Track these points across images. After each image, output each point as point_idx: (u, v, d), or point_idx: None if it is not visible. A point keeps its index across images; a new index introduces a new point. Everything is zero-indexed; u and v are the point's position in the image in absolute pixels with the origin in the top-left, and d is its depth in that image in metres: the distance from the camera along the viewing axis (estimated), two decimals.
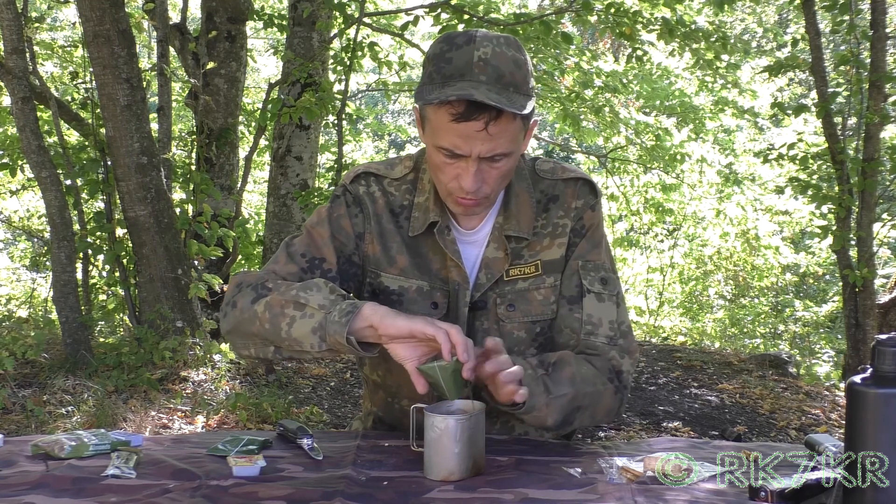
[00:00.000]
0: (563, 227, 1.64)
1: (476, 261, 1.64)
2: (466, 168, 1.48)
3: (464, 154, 1.47)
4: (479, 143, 1.45)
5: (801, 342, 9.02)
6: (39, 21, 5.57)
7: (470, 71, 1.43)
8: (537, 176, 1.67)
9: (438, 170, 1.52)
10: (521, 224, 1.62)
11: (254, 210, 10.09)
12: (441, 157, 1.49)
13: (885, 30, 5.34)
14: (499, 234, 1.62)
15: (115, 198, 4.81)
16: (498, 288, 1.62)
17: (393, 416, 1.71)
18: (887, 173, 5.84)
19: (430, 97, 1.44)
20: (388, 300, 1.62)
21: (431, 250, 1.63)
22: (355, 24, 5.58)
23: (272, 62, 11.79)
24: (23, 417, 3.90)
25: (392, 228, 1.64)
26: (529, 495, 1.27)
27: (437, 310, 1.61)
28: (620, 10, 6.23)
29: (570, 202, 1.65)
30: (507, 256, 1.62)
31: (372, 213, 1.65)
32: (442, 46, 1.48)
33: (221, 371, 4.64)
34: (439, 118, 1.45)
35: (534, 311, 1.63)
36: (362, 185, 1.67)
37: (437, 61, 1.47)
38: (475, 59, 1.44)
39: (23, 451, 1.47)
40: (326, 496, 1.27)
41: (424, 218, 1.62)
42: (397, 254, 1.64)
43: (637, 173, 9.70)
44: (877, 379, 1.18)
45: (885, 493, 1.15)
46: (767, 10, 12.46)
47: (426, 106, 1.47)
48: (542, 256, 1.64)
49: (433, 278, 1.63)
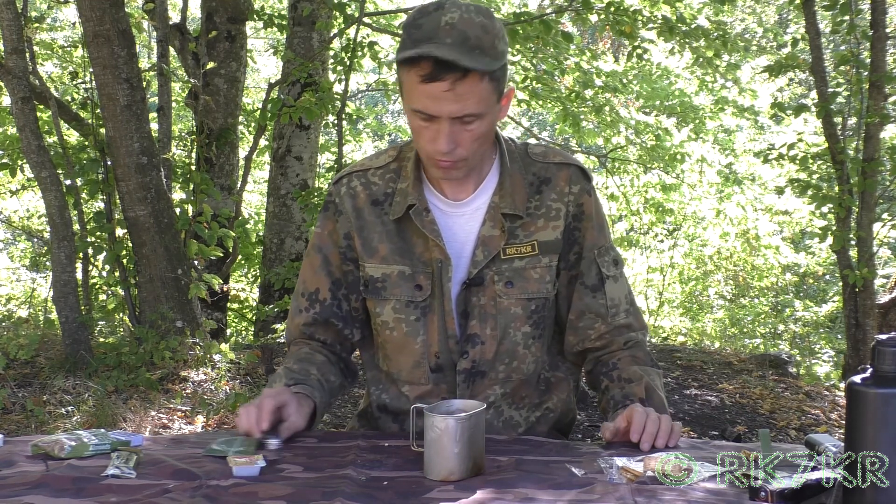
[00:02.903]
0: (557, 210, 1.70)
1: (469, 237, 1.69)
2: (439, 129, 1.54)
3: (434, 115, 1.53)
4: (447, 103, 1.51)
5: (801, 342, 9.02)
6: (39, 21, 5.57)
7: (436, 35, 1.50)
8: (529, 159, 1.73)
9: (417, 134, 1.59)
10: (517, 202, 1.68)
11: (254, 210, 10.09)
12: (417, 121, 1.56)
13: (885, 30, 5.34)
14: (494, 211, 1.68)
15: (115, 198, 4.80)
16: (495, 265, 1.68)
17: (401, 405, 1.75)
18: (887, 173, 5.83)
19: (397, 57, 1.53)
20: (374, 288, 1.71)
21: (414, 234, 1.69)
22: (355, 23, 5.58)
23: (272, 62, 11.80)
24: (23, 417, 3.90)
25: (374, 219, 1.71)
26: (529, 495, 1.27)
27: (420, 291, 1.68)
28: (620, 8, 6.23)
29: (563, 187, 1.71)
30: (504, 234, 1.67)
31: (351, 209, 1.73)
32: (414, 15, 1.56)
33: (221, 371, 4.64)
34: (409, 80, 1.52)
35: (531, 289, 1.69)
36: (343, 185, 1.75)
37: (409, 28, 1.54)
38: (442, 24, 1.50)
39: (23, 451, 1.47)
40: (326, 496, 1.27)
41: (404, 202, 1.68)
42: (379, 243, 1.71)
43: (637, 173, 9.70)
44: (877, 379, 1.18)
45: (885, 493, 1.15)
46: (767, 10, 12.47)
47: (400, 70, 1.54)
48: (538, 237, 1.69)
49: (415, 262, 1.69)
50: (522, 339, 1.70)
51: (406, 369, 1.72)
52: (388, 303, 1.70)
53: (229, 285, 6.19)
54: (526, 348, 1.71)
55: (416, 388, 1.73)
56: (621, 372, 1.68)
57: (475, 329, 1.68)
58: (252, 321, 7.17)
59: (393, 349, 1.73)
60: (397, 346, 1.71)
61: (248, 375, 4.82)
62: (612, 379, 1.69)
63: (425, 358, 1.70)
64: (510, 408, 1.74)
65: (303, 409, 1.58)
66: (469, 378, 1.70)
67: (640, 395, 1.63)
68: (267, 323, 6.22)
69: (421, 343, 1.69)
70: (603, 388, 1.70)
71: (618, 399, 1.64)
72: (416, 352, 1.70)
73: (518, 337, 1.70)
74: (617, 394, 1.65)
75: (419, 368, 1.71)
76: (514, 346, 1.70)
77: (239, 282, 8.29)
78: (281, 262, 6.30)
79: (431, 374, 1.71)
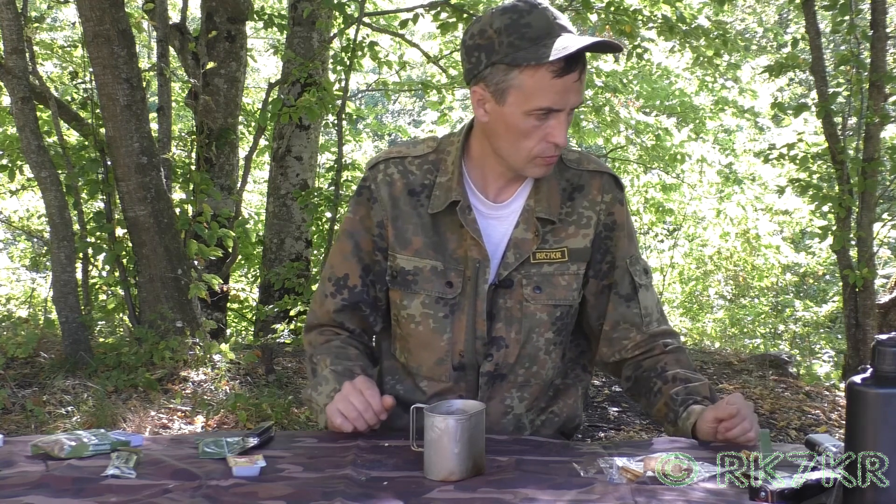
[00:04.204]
0: (588, 218, 1.70)
1: (503, 239, 1.68)
2: (558, 124, 1.55)
3: (559, 109, 1.54)
4: (573, 94, 1.55)
5: (801, 342, 9.02)
6: (39, 21, 5.58)
7: (553, 28, 1.52)
8: (563, 164, 1.72)
9: (525, 137, 1.57)
10: (551, 207, 1.67)
11: (254, 210, 10.08)
12: (531, 122, 1.55)
13: (885, 30, 5.34)
14: (529, 215, 1.67)
15: (115, 198, 4.80)
16: (524, 269, 1.67)
17: (415, 398, 1.74)
18: (887, 173, 5.83)
19: (539, 57, 1.50)
20: (405, 280, 1.69)
21: (449, 230, 1.68)
22: (355, 23, 5.58)
23: (272, 62, 11.78)
24: (23, 417, 3.90)
25: (409, 210, 1.69)
26: (529, 495, 1.27)
27: (451, 288, 1.67)
28: (620, 7, 6.23)
29: (595, 195, 1.71)
30: (537, 238, 1.66)
31: (387, 197, 1.70)
32: (511, 16, 1.53)
33: (221, 371, 4.64)
34: (538, 79, 1.52)
35: (558, 296, 1.69)
36: (380, 171, 1.72)
37: (516, 29, 1.53)
38: (551, 18, 1.53)
39: (23, 451, 1.47)
40: (326, 496, 1.27)
41: (446, 196, 1.66)
42: (413, 235, 1.69)
43: (637, 173, 9.70)
44: (877, 379, 1.18)
45: (885, 493, 1.15)
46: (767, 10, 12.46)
47: (520, 73, 1.52)
48: (568, 244, 1.69)
49: (448, 258, 1.67)
50: (545, 344, 1.70)
51: (427, 365, 1.71)
52: (418, 297, 1.69)
53: (229, 285, 6.19)
54: (547, 354, 1.71)
55: (435, 385, 1.72)
56: (676, 373, 1.67)
57: (500, 332, 1.68)
58: (252, 321, 7.16)
59: (416, 344, 1.72)
60: (422, 341, 1.70)
61: (247, 375, 4.82)
62: (666, 381, 1.67)
63: (449, 356, 1.69)
64: (523, 412, 1.74)
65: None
66: (491, 380, 1.70)
67: (705, 393, 1.62)
68: (267, 323, 6.21)
69: (447, 341, 1.68)
70: (656, 390, 1.68)
71: (682, 398, 1.62)
72: (441, 349, 1.69)
73: (541, 342, 1.69)
74: (679, 392, 1.63)
75: (442, 365, 1.70)
76: (535, 352, 1.70)
77: (239, 282, 8.29)
78: (281, 262, 6.30)
79: (453, 373, 1.70)
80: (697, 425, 1.56)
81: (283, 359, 5.18)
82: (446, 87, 7.49)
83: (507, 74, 1.53)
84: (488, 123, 1.61)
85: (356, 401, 1.55)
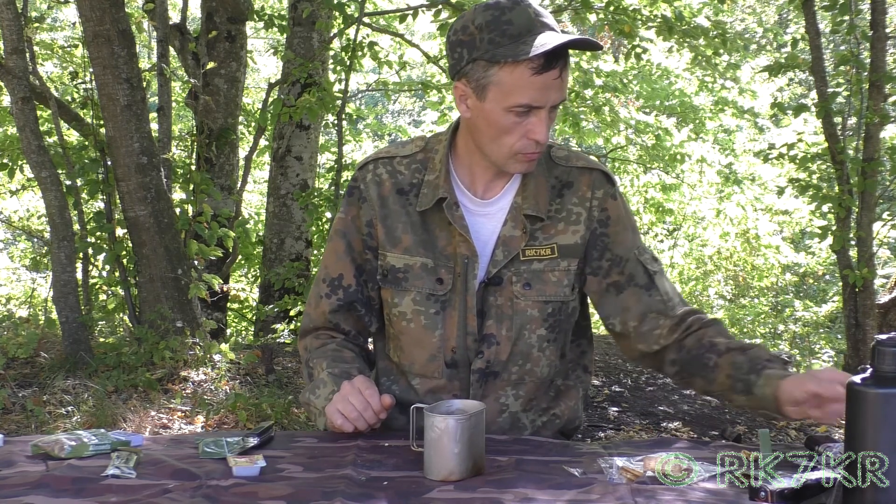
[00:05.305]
0: (578, 215, 1.69)
1: (491, 237, 1.68)
2: (539, 121, 1.56)
3: (539, 106, 1.54)
4: (553, 91, 1.55)
5: (801, 342, 9.01)
6: (39, 21, 5.57)
7: (534, 26, 1.53)
8: (552, 161, 1.72)
9: (505, 133, 1.58)
10: (539, 204, 1.67)
11: (254, 210, 10.08)
12: (511, 119, 1.56)
13: (885, 30, 5.33)
14: (517, 212, 1.67)
15: (115, 198, 4.80)
16: (514, 266, 1.67)
17: (410, 397, 1.74)
18: (887, 173, 5.83)
19: (517, 54, 1.50)
20: (395, 278, 1.70)
21: (438, 227, 1.69)
22: (355, 23, 5.58)
23: (272, 62, 11.78)
24: (23, 417, 3.90)
25: (398, 208, 1.71)
26: (529, 495, 1.27)
27: (441, 285, 1.68)
28: (620, 7, 6.23)
29: (584, 192, 1.70)
30: (525, 235, 1.67)
31: (376, 196, 1.72)
32: (493, 13, 1.54)
33: (221, 371, 4.64)
34: (517, 76, 1.52)
35: (548, 292, 1.69)
36: (369, 171, 1.74)
37: (497, 25, 1.53)
38: (533, 15, 1.54)
39: (23, 451, 1.47)
40: (326, 496, 1.27)
41: (433, 194, 1.67)
42: (402, 233, 1.70)
43: (637, 173, 9.70)
44: (877, 379, 1.18)
45: (885, 493, 1.15)
46: (767, 10, 12.46)
47: (500, 70, 1.53)
48: (558, 240, 1.69)
49: (438, 255, 1.68)
50: (537, 341, 1.70)
51: (420, 362, 1.71)
52: (409, 294, 1.69)
53: (229, 285, 6.19)
54: (540, 351, 1.70)
55: (427, 382, 1.72)
56: (728, 343, 1.63)
57: (491, 329, 1.68)
58: (252, 321, 7.17)
59: (408, 341, 1.72)
60: (413, 338, 1.71)
61: (247, 375, 4.82)
62: (720, 353, 1.62)
63: (441, 352, 1.69)
64: (519, 410, 1.74)
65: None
66: (483, 378, 1.69)
67: (767, 356, 1.59)
68: (267, 323, 6.21)
69: (439, 337, 1.69)
70: (712, 365, 1.63)
71: (749, 365, 1.57)
72: (433, 345, 1.69)
73: (533, 339, 1.69)
74: (741, 361, 1.59)
75: (434, 362, 1.70)
76: (528, 349, 1.69)
77: (239, 282, 8.28)
78: (281, 262, 6.30)
79: (446, 370, 1.70)
80: (787, 390, 1.49)
81: (284, 359, 5.18)
82: (446, 87, 7.49)
83: (488, 71, 1.54)
84: (470, 119, 1.62)
85: (355, 400, 1.55)
